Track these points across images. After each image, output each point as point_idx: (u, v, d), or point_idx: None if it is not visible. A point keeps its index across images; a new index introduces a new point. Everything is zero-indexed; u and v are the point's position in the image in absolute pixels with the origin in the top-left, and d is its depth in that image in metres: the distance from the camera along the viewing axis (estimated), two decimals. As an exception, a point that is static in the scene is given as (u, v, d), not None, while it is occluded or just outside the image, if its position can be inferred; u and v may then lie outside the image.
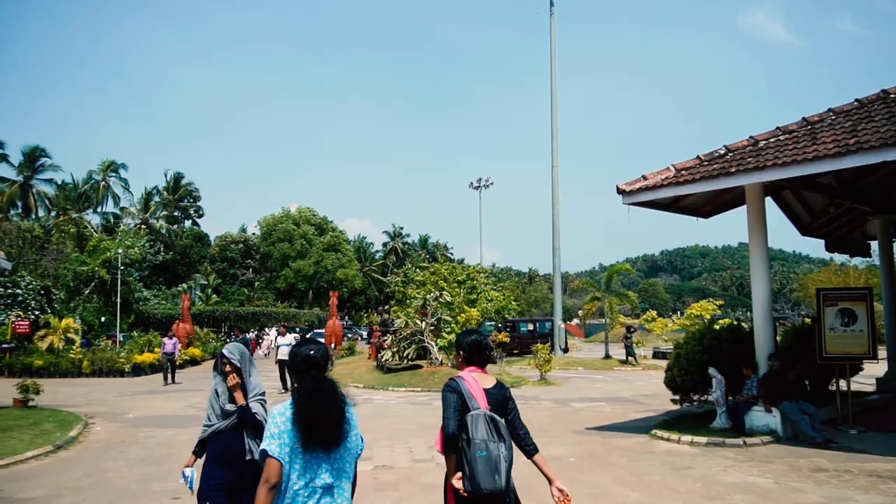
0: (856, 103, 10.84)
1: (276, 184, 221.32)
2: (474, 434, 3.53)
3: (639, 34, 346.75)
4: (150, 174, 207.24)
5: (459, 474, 3.54)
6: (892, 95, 10.51)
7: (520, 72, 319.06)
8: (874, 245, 17.04)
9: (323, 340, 35.97)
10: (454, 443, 3.59)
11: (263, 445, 2.96)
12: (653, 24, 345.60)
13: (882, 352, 14.67)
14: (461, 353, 3.92)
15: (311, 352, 3.25)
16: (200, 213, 72.54)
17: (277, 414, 3.02)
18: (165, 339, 23.01)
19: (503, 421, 3.64)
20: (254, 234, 72.48)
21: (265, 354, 38.20)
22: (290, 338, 19.73)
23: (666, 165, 11.50)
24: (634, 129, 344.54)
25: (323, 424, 2.98)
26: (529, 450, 3.78)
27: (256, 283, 68.56)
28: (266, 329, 48.21)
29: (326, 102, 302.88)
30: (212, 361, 12.61)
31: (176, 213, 68.88)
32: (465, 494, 3.50)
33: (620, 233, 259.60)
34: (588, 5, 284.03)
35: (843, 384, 11.71)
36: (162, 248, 57.38)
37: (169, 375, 22.19)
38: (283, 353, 18.35)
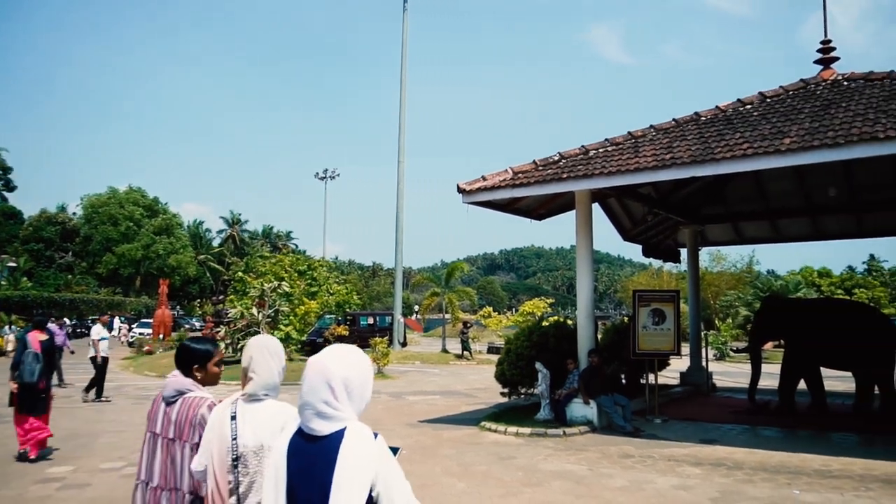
0: (673, 122, 11.86)
1: (105, 162, 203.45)
2: (27, 359, 8.56)
3: (491, 41, 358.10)
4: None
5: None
6: (703, 118, 11.62)
7: (375, 65, 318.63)
8: (684, 252, 18.80)
9: (151, 330, 33.92)
10: (17, 366, 8.63)
11: None
12: (506, 31, 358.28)
13: (686, 348, 16.26)
14: (34, 327, 9.30)
15: None
16: (11, 185, 65.21)
17: None
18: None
19: (42, 354, 8.70)
20: (75, 213, 66.44)
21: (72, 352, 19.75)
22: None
23: (505, 167, 11.96)
24: (482, 130, 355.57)
25: None
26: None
27: (76, 268, 62.94)
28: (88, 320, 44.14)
29: (168, 79, 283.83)
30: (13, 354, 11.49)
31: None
32: (16, 386, 8.65)
33: (463, 231, 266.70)
34: (448, 10, 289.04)
35: (652, 378, 12.82)
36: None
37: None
38: (105, 349, 15.11)
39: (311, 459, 2.05)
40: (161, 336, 32.33)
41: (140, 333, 36.64)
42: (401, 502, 2.06)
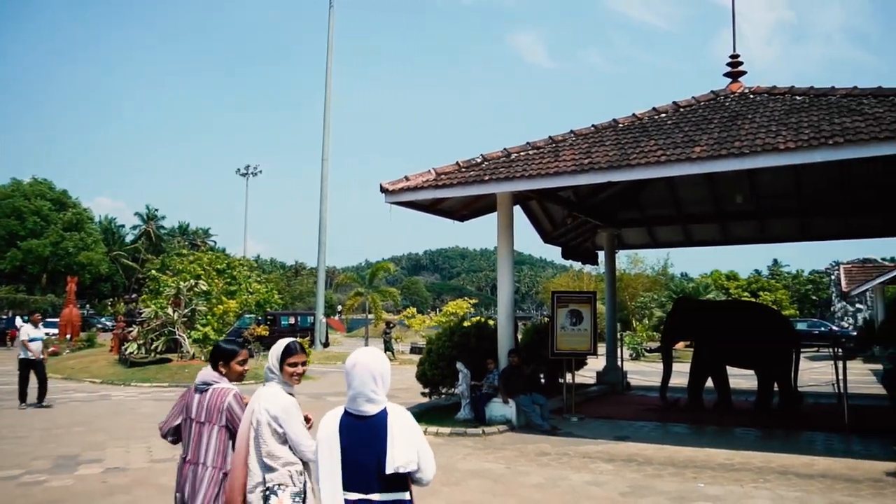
0: (592, 128, 12.20)
1: (7, 153, 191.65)
2: None
3: (414, 41, 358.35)
4: None
5: None
6: (621, 125, 12.00)
7: (298, 62, 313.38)
8: (602, 255, 19.34)
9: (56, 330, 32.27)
10: None
11: None
12: (431, 31, 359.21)
13: (602, 348, 16.74)
14: None
15: None
16: None
17: None
18: None
19: None
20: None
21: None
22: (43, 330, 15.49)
23: (429, 168, 12.00)
24: (406, 130, 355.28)
25: None
26: None
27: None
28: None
29: (78, 68, 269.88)
30: None
31: None
32: None
33: (388, 231, 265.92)
34: (374, 6, 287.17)
35: (569, 377, 13.14)
36: None
37: None
38: (39, 350, 14.15)
39: (364, 433, 2.78)
40: (68, 336, 30.82)
41: (46, 334, 34.78)
42: (430, 463, 2.84)
